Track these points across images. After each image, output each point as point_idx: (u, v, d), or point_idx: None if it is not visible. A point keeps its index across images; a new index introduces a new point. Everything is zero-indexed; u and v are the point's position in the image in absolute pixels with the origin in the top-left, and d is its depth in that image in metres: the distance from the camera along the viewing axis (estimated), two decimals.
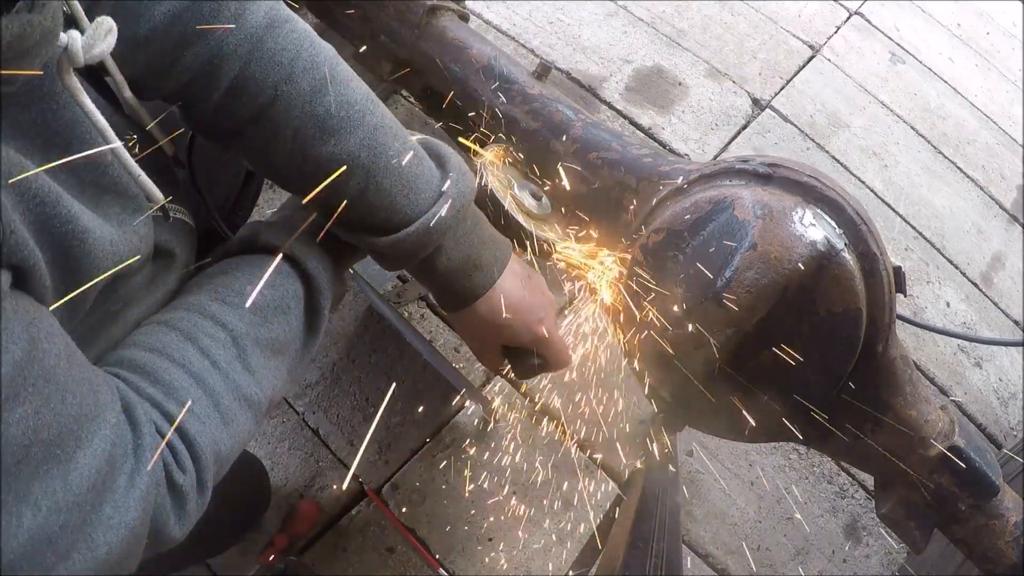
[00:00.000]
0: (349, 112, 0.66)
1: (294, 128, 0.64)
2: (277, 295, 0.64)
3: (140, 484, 0.48)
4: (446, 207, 0.70)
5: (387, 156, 0.67)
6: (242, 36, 0.61)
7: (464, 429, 1.48)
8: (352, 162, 0.65)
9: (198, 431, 0.53)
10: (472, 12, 1.65)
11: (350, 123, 0.65)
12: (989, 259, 1.84)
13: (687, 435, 1.51)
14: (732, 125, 1.94)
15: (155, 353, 0.55)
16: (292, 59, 0.63)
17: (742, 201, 0.74)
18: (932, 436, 0.80)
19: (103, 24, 0.48)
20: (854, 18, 2.23)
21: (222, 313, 0.59)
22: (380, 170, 0.67)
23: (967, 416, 1.61)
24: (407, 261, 0.73)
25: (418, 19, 1.02)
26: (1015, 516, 0.81)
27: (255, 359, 0.59)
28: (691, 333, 0.72)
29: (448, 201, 0.70)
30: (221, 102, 0.63)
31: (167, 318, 0.59)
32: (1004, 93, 2.18)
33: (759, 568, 1.40)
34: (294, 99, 0.63)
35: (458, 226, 0.73)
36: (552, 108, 0.94)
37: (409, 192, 0.69)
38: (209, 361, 0.56)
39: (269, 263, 0.64)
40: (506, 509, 1.41)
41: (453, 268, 0.74)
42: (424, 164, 0.72)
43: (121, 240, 0.51)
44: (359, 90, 0.68)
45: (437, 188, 0.71)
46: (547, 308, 0.83)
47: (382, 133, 0.68)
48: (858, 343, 0.74)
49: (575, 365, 0.97)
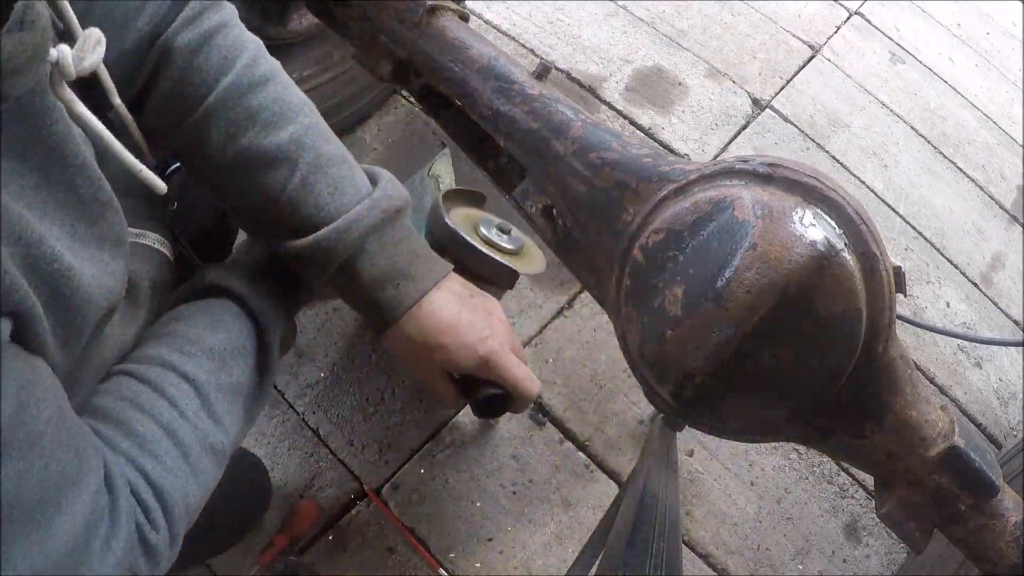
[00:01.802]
0: (284, 109, 0.67)
1: (227, 119, 0.65)
2: (231, 337, 0.65)
3: (116, 548, 0.48)
4: (372, 209, 0.69)
5: (316, 154, 0.68)
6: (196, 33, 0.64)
7: (464, 429, 1.48)
8: (280, 155, 0.66)
9: (170, 485, 0.55)
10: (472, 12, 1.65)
11: (283, 118, 0.67)
12: (989, 259, 1.84)
13: (687, 435, 1.51)
14: (732, 125, 1.94)
15: (128, 403, 0.56)
16: (236, 55, 0.65)
17: (742, 201, 0.74)
18: (932, 436, 0.80)
19: (91, 36, 0.49)
20: (854, 18, 2.23)
21: (182, 363, 0.60)
22: (308, 165, 0.67)
23: (967, 416, 1.62)
24: (328, 265, 0.69)
25: (418, 19, 1.02)
26: (1015, 516, 0.81)
27: (219, 406, 0.61)
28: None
29: (374, 204, 0.70)
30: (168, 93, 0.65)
31: (133, 369, 0.60)
32: (1004, 93, 2.18)
33: (759, 568, 1.40)
34: (231, 91, 0.65)
35: (384, 230, 0.71)
36: (552, 108, 0.94)
37: (335, 192, 0.68)
38: (178, 412, 0.57)
39: (218, 306, 0.66)
40: (506, 509, 1.41)
41: (377, 275, 0.70)
42: (356, 172, 0.71)
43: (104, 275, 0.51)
44: (298, 95, 0.69)
45: (365, 193, 0.71)
46: (495, 328, 0.78)
47: (315, 133, 0.68)
48: (858, 343, 0.74)
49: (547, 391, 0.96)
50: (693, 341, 0.73)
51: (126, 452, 0.54)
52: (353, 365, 1.51)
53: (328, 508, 1.40)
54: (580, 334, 1.59)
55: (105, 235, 0.52)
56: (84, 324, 0.50)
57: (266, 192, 0.67)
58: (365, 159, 1.77)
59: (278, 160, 0.66)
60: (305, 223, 0.68)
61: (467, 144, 1.10)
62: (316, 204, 0.67)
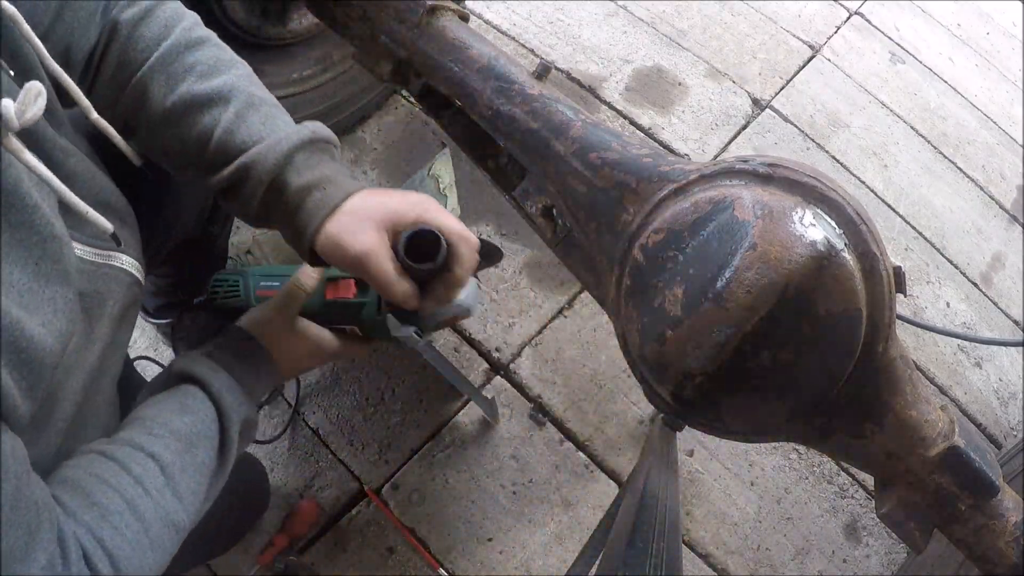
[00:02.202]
0: (218, 63, 0.74)
1: (167, 73, 0.72)
2: (196, 421, 0.69)
3: None
4: (301, 130, 0.74)
5: (249, 95, 0.73)
6: (138, 8, 0.73)
7: (464, 429, 1.48)
8: (215, 96, 0.72)
9: (127, 556, 0.57)
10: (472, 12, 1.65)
11: (217, 70, 0.73)
12: (989, 259, 1.84)
13: (687, 435, 1.51)
14: (732, 125, 1.94)
15: (94, 477, 0.60)
16: (175, 24, 0.74)
17: (742, 201, 0.74)
18: (932, 436, 0.80)
19: (32, 90, 0.53)
20: (854, 18, 2.23)
21: (150, 444, 0.64)
22: (240, 104, 0.72)
23: (967, 416, 1.62)
24: (259, 184, 0.71)
25: (418, 19, 1.02)
26: (1015, 516, 0.81)
27: (183, 485, 0.65)
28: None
29: (303, 127, 0.74)
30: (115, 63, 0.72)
31: (104, 449, 0.64)
32: (1004, 93, 2.17)
33: (759, 568, 1.40)
34: (170, 50, 0.72)
35: (312, 149, 0.74)
36: (552, 108, 0.94)
37: (266, 124, 0.73)
38: (142, 488, 0.61)
39: (184, 392, 0.72)
40: (506, 509, 1.41)
41: (303, 184, 0.72)
42: (286, 114, 0.77)
43: (55, 317, 0.54)
44: (232, 55, 0.77)
45: (295, 126, 0.75)
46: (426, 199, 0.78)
47: (247, 81, 0.75)
48: (858, 343, 0.74)
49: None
50: (693, 341, 0.73)
51: (87, 523, 0.56)
52: (353, 365, 1.51)
53: (328, 508, 1.41)
54: (580, 334, 1.59)
55: (55, 272, 0.54)
56: (43, 370, 0.52)
57: (202, 131, 0.72)
58: (365, 159, 1.78)
59: (213, 101, 0.72)
60: (239, 151, 0.72)
61: (467, 144, 1.10)
62: (248, 133, 0.72)
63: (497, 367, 1.55)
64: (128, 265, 0.70)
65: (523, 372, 1.55)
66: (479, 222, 1.71)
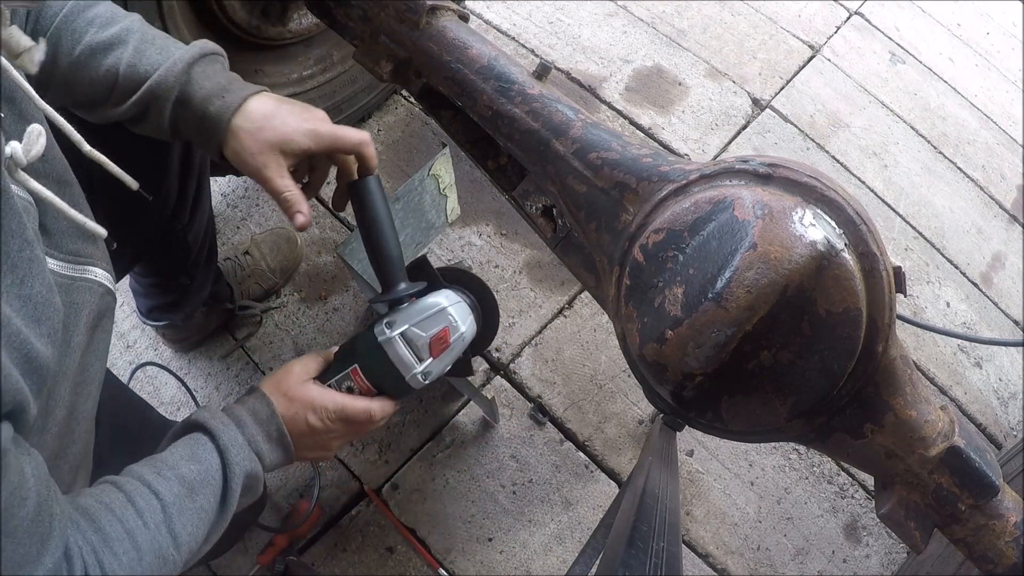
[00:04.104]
0: (114, 15, 0.85)
1: (71, 29, 0.82)
2: (202, 469, 0.75)
3: None
4: (190, 48, 0.84)
5: (143, 34, 0.85)
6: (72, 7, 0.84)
7: (464, 429, 1.48)
8: (115, 40, 0.83)
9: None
10: (472, 12, 1.65)
11: (114, 20, 0.84)
12: (989, 259, 1.84)
13: (687, 435, 1.51)
14: (732, 125, 1.94)
15: (103, 506, 0.67)
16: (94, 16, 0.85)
17: (742, 201, 0.74)
18: (932, 436, 0.80)
19: (33, 132, 0.62)
20: (854, 18, 2.23)
21: (156, 483, 0.71)
22: (137, 41, 0.83)
23: (967, 416, 1.62)
24: (166, 102, 0.82)
25: (418, 19, 1.02)
26: (1015, 516, 0.81)
27: (179, 526, 0.70)
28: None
29: (191, 46, 0.85)
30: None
31: (117, 480, 0.71)
32: (1004, 93, 2.18)
33: (759, 568, 1.40)
34: (72, 11, 0.83)
35: (204, 62, 0.85)
36: (552, 108, 0.94)
37: (163, 53, 0.83)
38: (142, 521, 0.67)
39: (197, 441, 0.77)
40: (506, 509, 1.41)
41: (204, 95, 0.83)
42: (178, 43, 0.86)
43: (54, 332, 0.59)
44: (128, 12, 0.87)
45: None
46: (315, 113, 0.88)
47: (141, 25, 0.86)
48: (858, 343, 0.74)
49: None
50: (693, 341, 0.73)
51: (92, 543, 0.64)
52: None
53: (328, 508, 1.41)
54: (580, 334, 1.60)
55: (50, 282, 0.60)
56: (46, 375, 0.58)
57: (108, 71, 0.82)
58: None
59: (113, 44, 0.83)
60: (144, 79, 0.83)
61: (467, 144, 1.10)
62: (148, 63, 0.83)
63: (497, 367, 1.55)
64: (100, 277, 0.75)
65: (523, 372, 1.55)
66: (479, 222, 1.71)
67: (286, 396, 0.85)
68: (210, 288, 1.44)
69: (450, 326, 0.84)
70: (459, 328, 0.85)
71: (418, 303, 0.85)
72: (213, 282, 1.44)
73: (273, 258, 1.59)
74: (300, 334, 1.59)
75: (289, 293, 1.64)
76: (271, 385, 0.86)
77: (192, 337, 1.54)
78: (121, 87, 0.83)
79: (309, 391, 0.85)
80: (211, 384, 1.55)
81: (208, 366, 1.56)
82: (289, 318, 1.61)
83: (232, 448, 0.78)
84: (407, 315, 0.84)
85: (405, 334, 0.83)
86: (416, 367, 0.83)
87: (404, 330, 0.83)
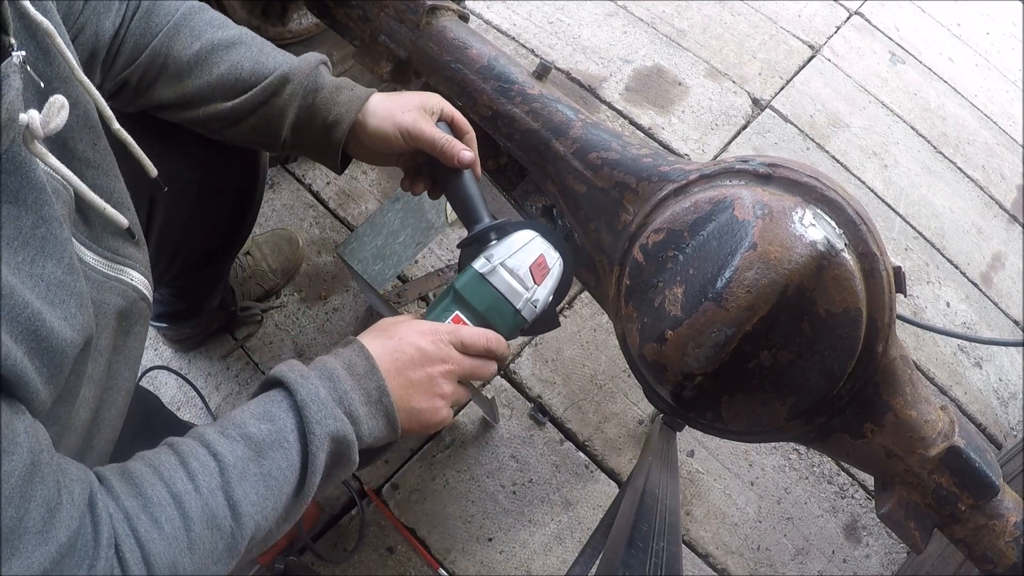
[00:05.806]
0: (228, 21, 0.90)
1: (190, 26, 0.86)
2: (274, 429, 0.64)
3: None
4: (313, 53, 0.90)
5: (262, 40, 0.90)
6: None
7: (464, 429, 1.48)
8: (237, 40, 0.87)
9: (160, 551, 0.56)
10: (472, 12, 1.65)
11: (230, 25, 0.89)
12: (989, 259, 1.84)
13: (687, 435, 1.51)
14: (732, 125, 1.94)
15: (150, 468, 0.59)
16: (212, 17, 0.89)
17: (742, 201, 0.74)
18: (932, 436, 0.80)
19: (56, 103, 0.56)
20: (854, 18, 2.23)
21: (217, 443, 0.62)
22: (260, 43, 0.89)
23: (967, 416, 1.62)
24: (297, 90, 0.86)
25: (418, 19, 1.02)
26: (1015, 516, 0.81)
27: (239, 491, 0.60)
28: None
29: (312, 53, 0.91)
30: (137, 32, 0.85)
31: (173, 440, 0.63)
32: (1004, 93, 2.18)
33: (759, 568, 1.40)
34: (189, 12, 0.87)
35: (326, 67, 0.90)
36: (552, 108, 0.94)
37: (284, 54, 0.89)
38: (193, 485, 0.59)
39: (271, 399, 0.67)
40: (506, 509, 1.41)
41: (336, 83, 0.89)
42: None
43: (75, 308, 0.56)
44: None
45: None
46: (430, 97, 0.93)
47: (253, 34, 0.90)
48: (858, 343, 0.74)
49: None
50: (693, 341, 0.73)
51: (127, 509, 0.56)
52: None
53: (328, 508, 1.41)
54: (580, 334, 1.59)
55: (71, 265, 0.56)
56: (64, 360, 0.54)
57: (232, 65, 0.86)
58: None
59: (235, 43, 0.87)
60: (273, 69, 0.87)
61: None
62: (276, 59, 0.88)
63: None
64: (136, 281, 0.71)
65: (523, 372, 1.55)
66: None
67: (386, 332, 0.75)
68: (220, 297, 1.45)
69: (546, 254, 0.84)
70: (554, 255, 0.85)
71: (507, 239, 0.84)
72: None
73: (274, 259, 1.59)
74: (300, 334, 1.59)
75: (289, 293, 1.64)
76: (368, 334, 0.75)
77: (193, 337, 1.54)
78: (244, 81, 0.86)
79: (415, 322, 0.77)
80: (211, 384, 1.55)
81: (208, 366, 1.56)
82: (289, 318, 1.61)
83: (311, 404, 0.66)
84: (501, 249, 0.83)
85: (505, 263, 0.82)
86: (524, 293, 0.82)
87: (504, 260, 0.82)
